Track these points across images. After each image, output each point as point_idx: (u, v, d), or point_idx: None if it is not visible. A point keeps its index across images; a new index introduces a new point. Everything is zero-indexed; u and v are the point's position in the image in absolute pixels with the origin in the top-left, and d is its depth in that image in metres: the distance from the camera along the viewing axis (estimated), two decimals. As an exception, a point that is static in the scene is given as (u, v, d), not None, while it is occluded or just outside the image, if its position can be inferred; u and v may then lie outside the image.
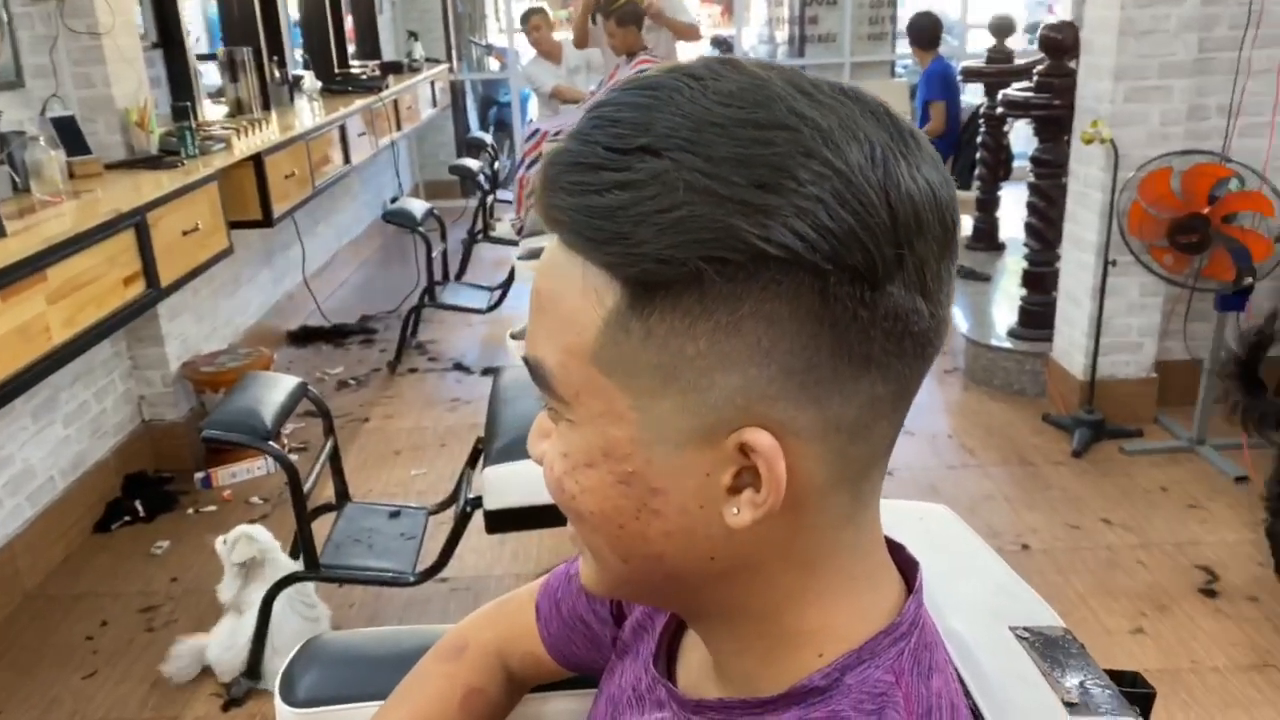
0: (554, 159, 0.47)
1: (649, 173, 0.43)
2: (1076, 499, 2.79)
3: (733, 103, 0.44)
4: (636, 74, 0.49)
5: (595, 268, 0.45)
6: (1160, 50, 2.87)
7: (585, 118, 0.47)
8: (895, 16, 7.07)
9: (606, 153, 0.44)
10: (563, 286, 0.47)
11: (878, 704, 0.49)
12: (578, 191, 0.45)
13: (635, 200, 0.43)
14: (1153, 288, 3.07)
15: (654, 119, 0.44)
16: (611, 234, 0.44)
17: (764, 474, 0.46)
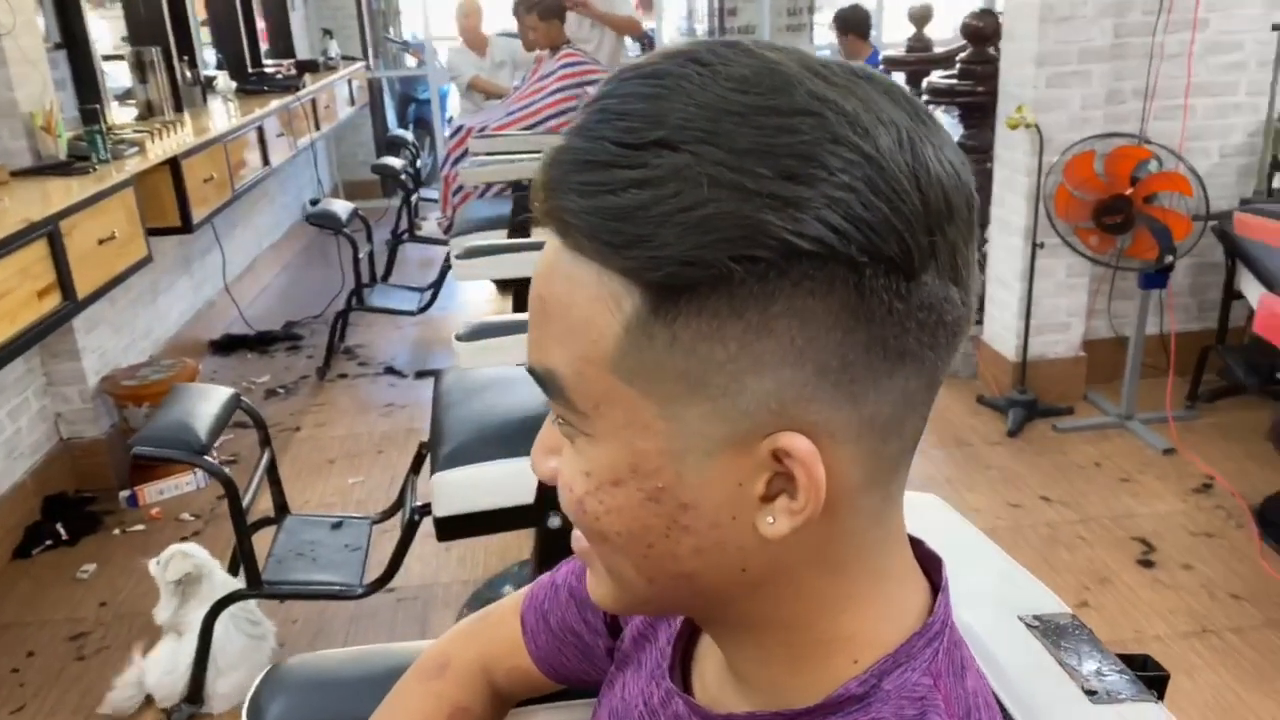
0: (557, 158, 0.44)
1: (668, 169, 0.40)
2: (1015, 478, 2.85)
3: (749, 89, 0.41)
4: (563, 67, 0.46)
5: (611, 272, 0.42)
6: (1079, 36, 2.93)
7: (587, 112, 0.44)
8: (813, 7, 7.14)
9: (618, 149, 0.41)
10: (571, 293, 0.44)
11: (919, 709, 0.47)
12: (590, 193, 0.42)
13: (656, 199, 0.40)
14: (1079, 268, 3.15)
15: (666, 110, 0.41)
16: (632, 237, 0.41)
17: (802, 480, 0.43)
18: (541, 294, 0.46)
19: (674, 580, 0.48)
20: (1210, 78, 3.12)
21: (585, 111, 0.44)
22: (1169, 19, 3.03)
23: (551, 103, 4.54)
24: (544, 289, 0.46)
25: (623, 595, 0.51)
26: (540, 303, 0.46)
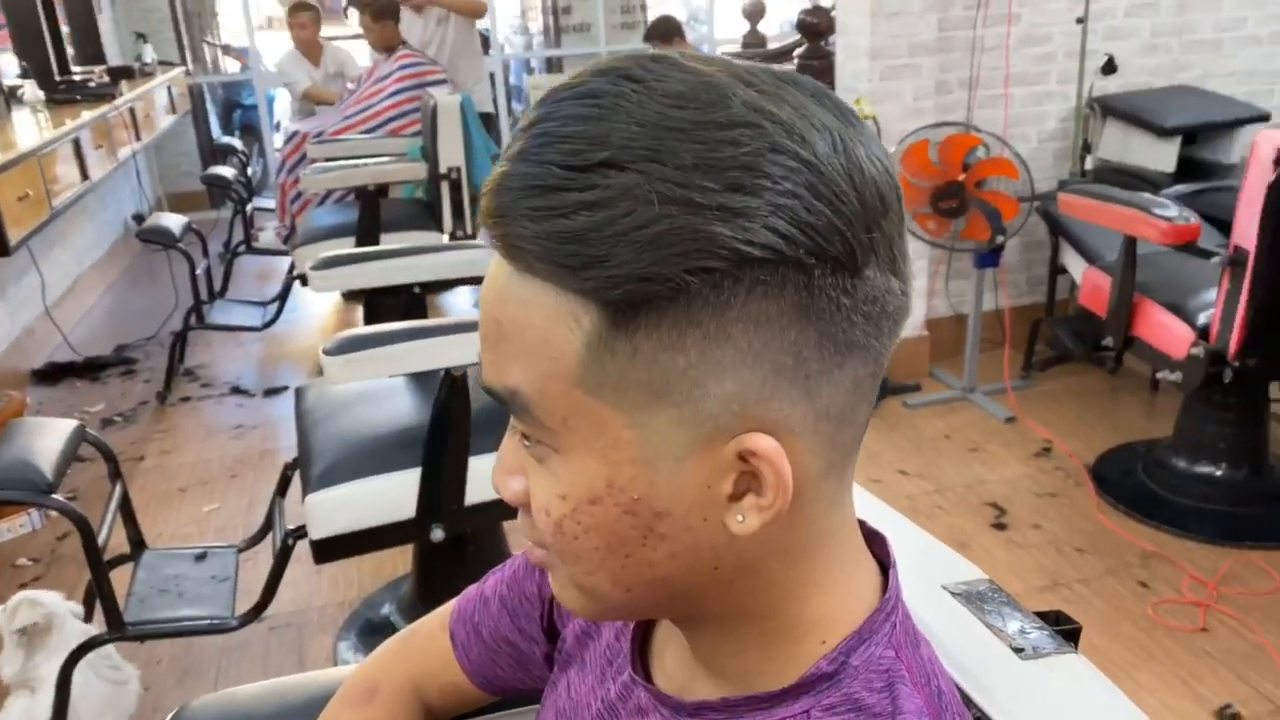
0: (502, 184, 0.44)
1: (618, 188, 0.41)
2: (873, 454, 2.97)
3: (686, 104, 0.42)
4: (400, 68, 0.45)
5: (568, 293, 0.43)
6: (908, 30, 3.08)
7: (525, 136, 0.44)
8: (645, 5, 7.23)
9: (564, 171, 0.42)
10: (526, 314, 0.44)
11: (886, 680, 0.49)
12: (541, 217, 0.42)
13: (609, 220, 0.41)
14: (919, 252, 3.31)
15: (607, 130, 0.42)
16: (588, 258, 0.41)
17: (769, 478, 0.45)
18: (495, 316, 0.46)
19: (650, 586, 0.49)
20: (1025, 68, 3.34)
21: (523, 135, 0.44)
22: (986, 13, 3.22)
23: (391, 105, 4.43)
24: (496, 311, 0.46)
25: (593, 604, 0.51)
26: (494, 324, 0.46)
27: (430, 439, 1.83)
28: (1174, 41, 3.47)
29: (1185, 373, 2.30)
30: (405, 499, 1.84)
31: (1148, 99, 3.29)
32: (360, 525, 1.82)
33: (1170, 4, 3.42)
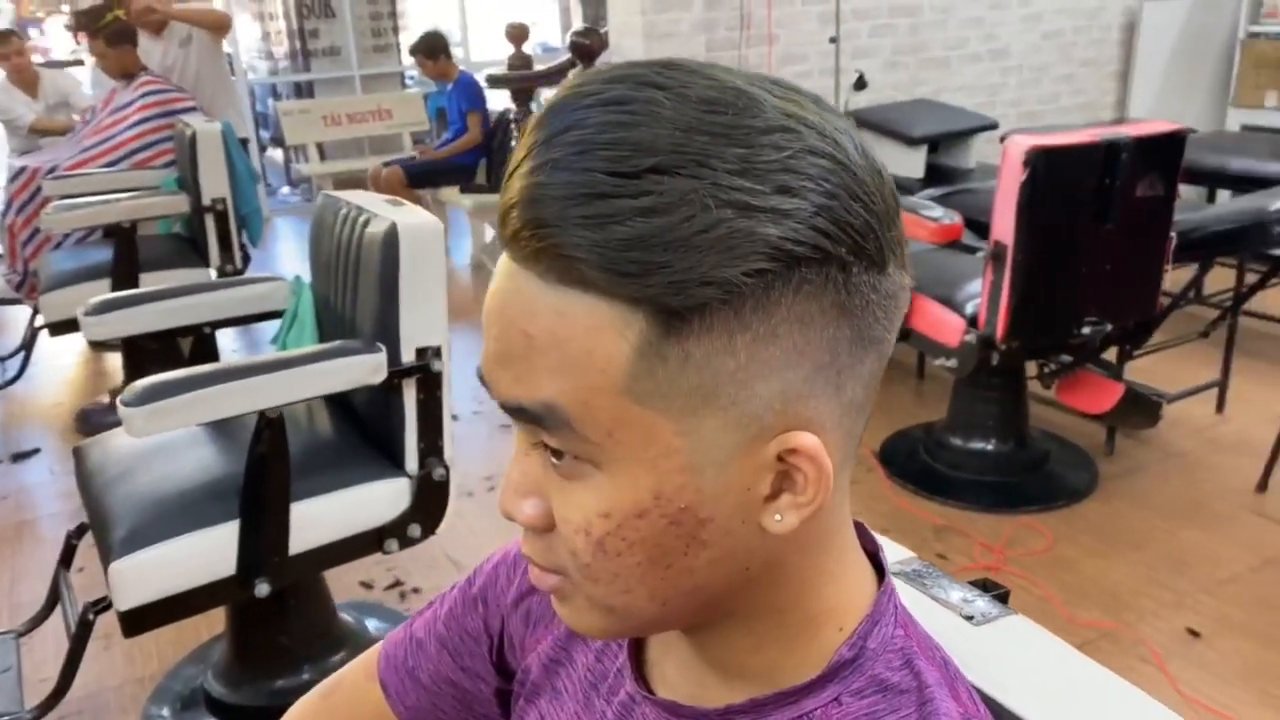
0: (537, 195, 0.42)
1: (674, 194, 0.41)
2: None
3: (722, 110, 0.43)
4: (142, 96, 0.43)
5: (611, 300, 0.42)
6: (679, 51, 3.20)
7: (553, 145, 0.42)
8: (397, 28, 7.09)
9: (614, 179, 0.41)
10: (565, 326, 0.43)
11: (903, 657, 0.51)
12: (596, 225, 0.41)
13: (668, 225, 0.41)
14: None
15: (651, 136, 0.41)
16: (651, 264, 0.41)
17: (810, 474, 0.46)
18: (524, 330, 0.44)
19: (686, 596, 0.48)
20: (786, 85, 3.55)
21: (548, 145, 0.43)
22: (749, 34, 3.41)
23: (134, 135, 4.10)
24: (526, 325, 0.44)
25: (618, 623, 0.50)
26: (523, 339, 0.44)
27: (247, 487, 1.71)
28: (911, 60, 3.80)
29: (960, 359, 2.52)
30: (223, 555, 1.70)
31: (895, 112, 3.58)
32: (175, 589, 1.67)
33: (906, 26, 3.75)
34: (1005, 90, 4.04)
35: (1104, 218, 2.36)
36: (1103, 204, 2.35)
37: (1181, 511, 2.64)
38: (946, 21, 3.82)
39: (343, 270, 1.97)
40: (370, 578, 2.50)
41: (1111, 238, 2.38)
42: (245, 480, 1.71)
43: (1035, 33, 4.05)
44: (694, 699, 0.55)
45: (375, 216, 1.87)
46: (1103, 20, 4.22)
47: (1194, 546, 2.48)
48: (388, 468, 1.88)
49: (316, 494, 1.78)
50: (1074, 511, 2.66)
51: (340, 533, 1.82)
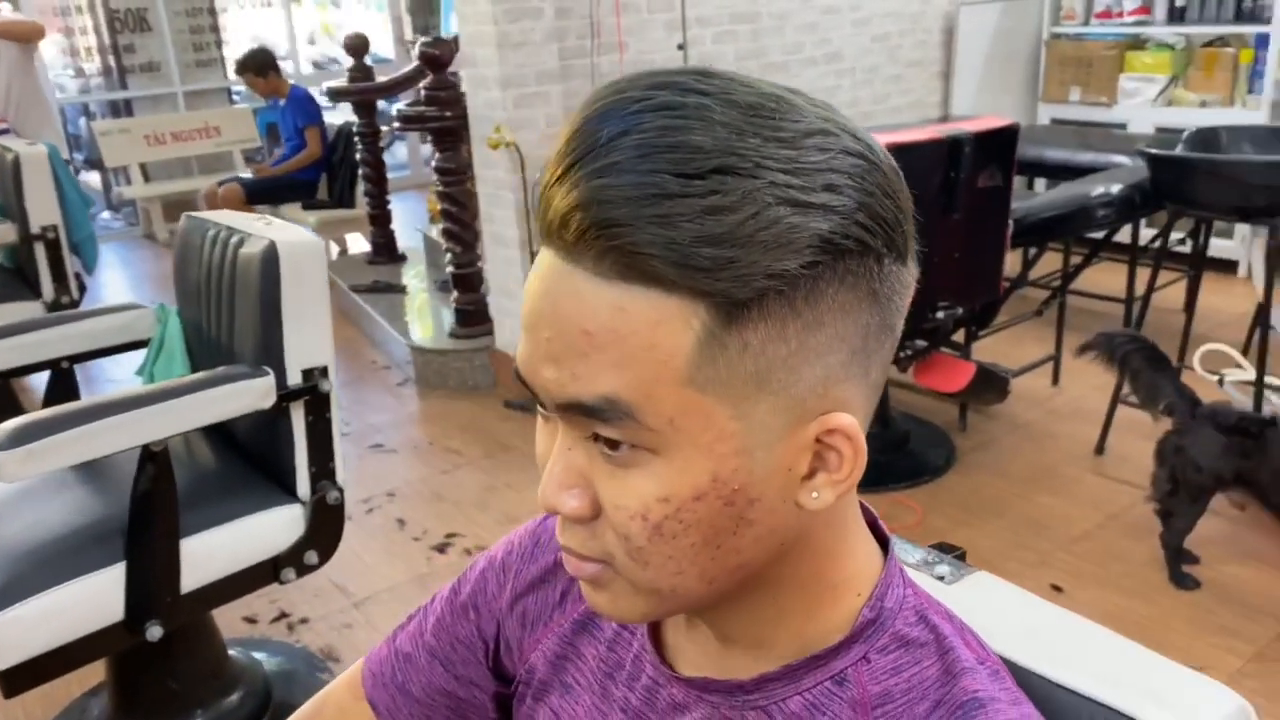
0: (601, 197, 0.44)
1: (739, 193, 0.43)
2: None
3: (768, 115, 0.45)
4: None
5: (676, 295, 0.44)
6: (533, 60, 3.22)
7: (614, 148, 0.44)
8: (221, 41, 6.79)
9: (681, 180, 0.43)
10: (626, 321, 0.45)
11: (918, 614, 0.55)
12: (669, 224, 0.43)
13: (737, 223, 0.43)
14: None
15: (710, 140, 0.44)
16: (722, 260, 0.43)
17: (847, 453, 0.49)
18: (584, 328, 0.46)
19: (731, 574, 0.50)
20: (638, 92, 3.61)
21: (609, 149, 0.44)
22: (599, 43, 3.45)
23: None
24: (585, 323, 0.45)
25: (659, 606, 0.52)
26: (583, 337, 0.46)
27: (133, 526, 1.63)
28: (753, 65, 3.93)
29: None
30: (110, 600, 1.61)
31: (743, 115, 3.70)
32: (60, 641, 1.57)
33: (746, 32, 3.88)
34: (841, 92, 4.24)
35: (951, 208, 2.52)
36: (949, 196, 2.51)
37: (1033, 478, 2.84)
38: (784, 28, 3.98)
39: (216, 294, 1.90)
40: (253, 612, 2.40)
41: (958, 227, 2.55)
42: (130, 519, 1.62)
43: (865, 36, 4.26)
44: (722, 674, 0.57)
45: (250, 236, 1.81)
46: (925, 24, 4.48)
47: (1048, 509, 2.68)
48: (279, 494, 1.82)
49: (206, 528, 1.71)
50: (938, 486, 2.83)
51: (234, 566, 1.75)
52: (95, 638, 1.61)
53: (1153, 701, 0.57)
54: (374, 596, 2.46)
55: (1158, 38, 4.52)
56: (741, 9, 3.83)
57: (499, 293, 3.54)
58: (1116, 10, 4.58)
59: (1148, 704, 0.56)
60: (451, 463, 3.15)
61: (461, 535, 2.72)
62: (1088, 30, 4.69)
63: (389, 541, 2.70)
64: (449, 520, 2.80)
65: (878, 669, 0.53)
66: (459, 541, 2.69)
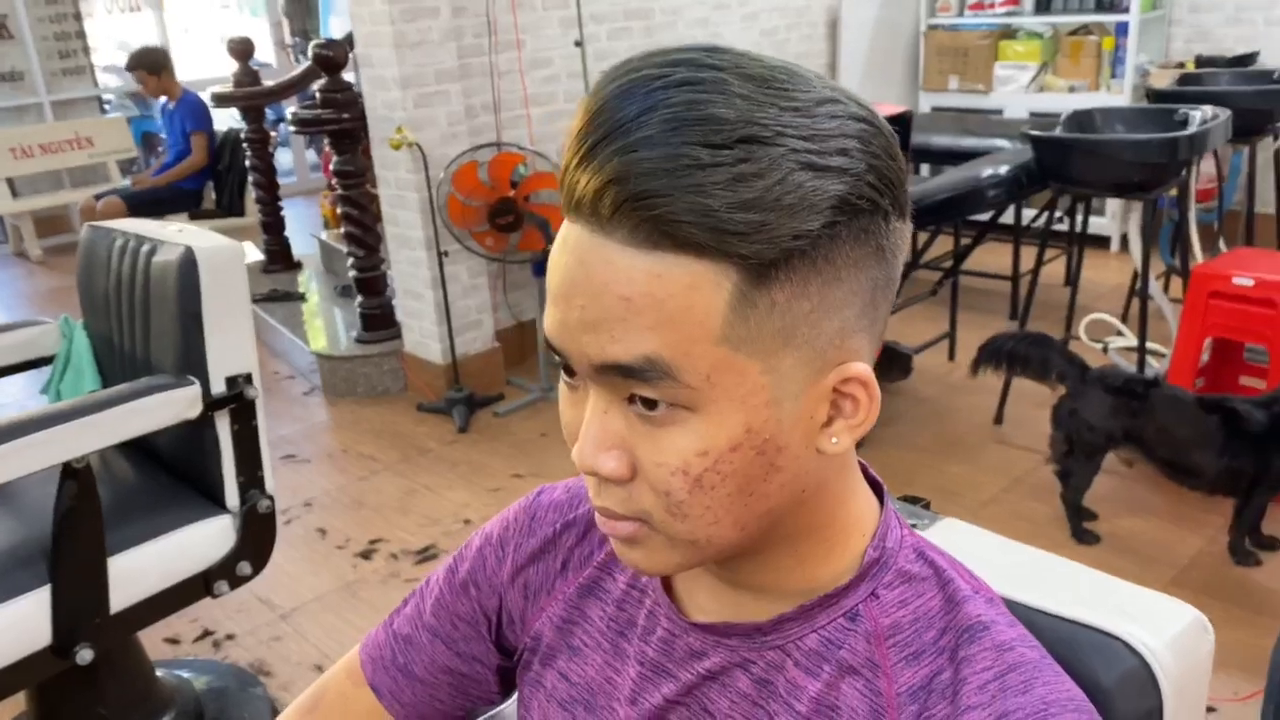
0: (635, 169, 0.46)
1: (766, 161, 0.46)
2: (483, 466, 3.06)
3: (780, 85, 0.49)
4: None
5: (708, 259, 0.47)
6: (432, 59, 3.19)
7: (642, 123, 0.46)
8: (88, 48, 6.49)
9: (711, 150, 0.46)
10: (662, 286, 0.48)
11: (916, 552, 0.60)
12: (704, 192, 0.46)
13: (766, 188, 0.46)
14: (479, 269, 3.45)
15: (733, 112, 0.47)
16: (754, 224, 0.46)
17: (863, 399, 0.53)
18: (622, 295, 0.48)
19: (760, 520, 0.54)
20: (537, 89, 3.62)
21: (637, 124, 0.46)
22: (497, 41, 3.44)
23: None
24: (622, 290, 0.48)
25: (693, 556, 0.55)
26: (622, 303, 0.48)
27: (57, 547, 1.57)
28: (648, 60, 3.98)
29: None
30: (36, 625, 1.56)
31: (642, 110, 3.74)
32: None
33: (640, 28, 3.92)
34: (734, 85, 4.33)
35: (853, 194, 2.61)
36: (851, 182, 2.59)
37: (940, 449, 2.97)
38: (676, 23, 4.04)
39: (128, 305, 1.84)
40: (175, 633, 2.33)
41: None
42: (54, 539, 1.56)
43: (754, 30, 4.36)
44: (738, 619, 0.60)
45: (163, 244, 1.76)
46: (810, 17, 4.61)
47: (956, 478, 2.80)
48: (207, 506, 1.78)
49: (134, 544, 1.66)
50: (852, 462, 2.92)
51: (164, 582, 1.71)
52: (21, 665, 1.55)
53: (1122, 617, 0.63)
54: (302, 607, 2.42)
55: (1027, 27, 4.76)
56: (634, 6, 3.88)
57: (406, 295, 3.50)
58: (988, 2, 4.79)
59: (1118, 619, 0.62)
60: (368, 469, 3.11)
61: (385, 540, 2.69)
62: (962, 21, 4.89)
63: (311, 551, 2.65)
64: (371, 526, 2.77)
65: (886, 603, 0.58)
66: (383, 547, 2.66)
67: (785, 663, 0.58)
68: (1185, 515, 2.54)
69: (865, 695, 0.56)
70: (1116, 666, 0.60)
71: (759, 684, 0.59)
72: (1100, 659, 0.60)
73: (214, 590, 1.77)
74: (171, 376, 1.69)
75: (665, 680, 0.63)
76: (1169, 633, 0.62)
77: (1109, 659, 0.60)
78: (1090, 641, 0.61)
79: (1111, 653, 0.61)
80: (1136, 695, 0.60)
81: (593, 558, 0.70)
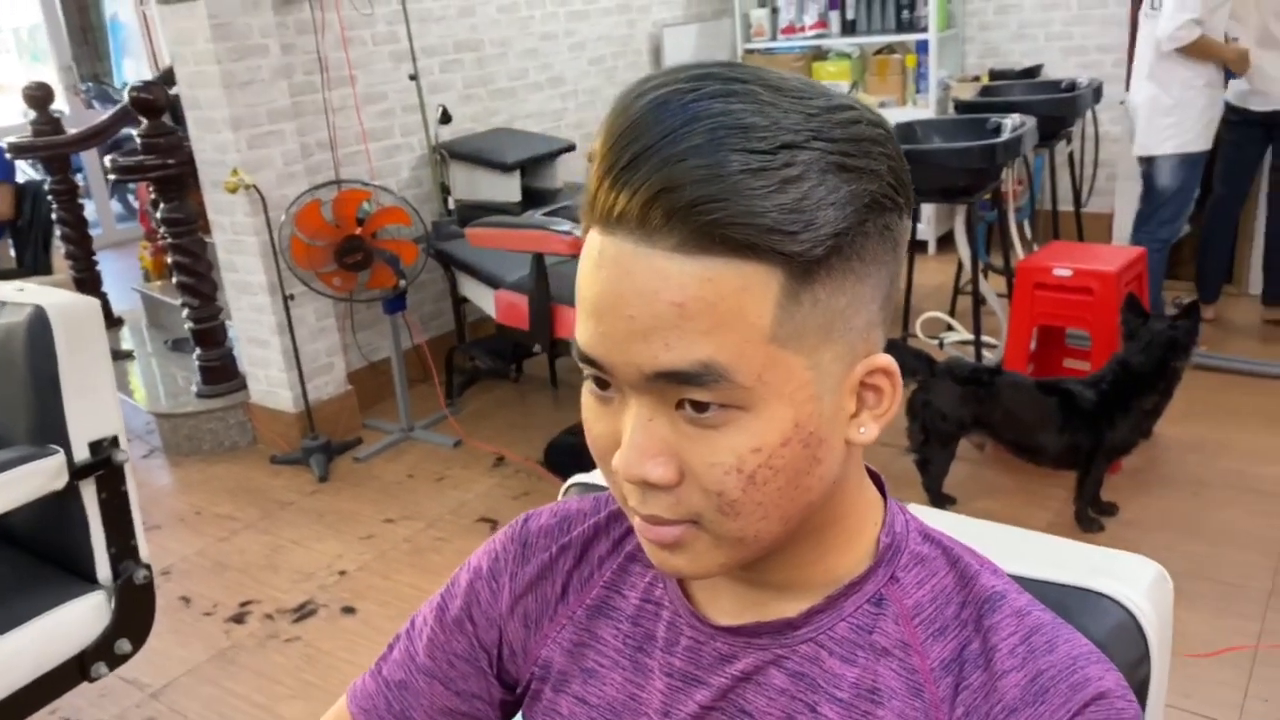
0: (689, 178, 0.47)
1: (804, 165, 0.49)
2: (352, 515, 2.95)
3: (800, 95, 0.51)
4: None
5: (756, 261, 0.49)
6: (264, 99, 3.08)
7: (686, 134, 0.48)
8: None
9: (760, 156, 0.48)
10: (714, 290, 0.49)
11: (922, 534, 0.63)
12: (760, 196, 0.48)
13: (811, 190, 0.49)
14: (326, 310, 3.34)
15: (768, 119, 0.49)
16: (805, 223, 0.49)
17: (887, 389, 0.56)
18: (674, 301, 0.49)
19: (803, 511, 0.56)
20: (374, 124, 3.55)
21: (682, 134, 0.48)
22: (329, 77, 3.36)
23: None
24: (674, 296, 0.49)
25: (740, 554, 0.56)
26: (675, 310, 0.49)
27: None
28: (482, 91, 3.98)
29: (612, 356, 2.72)
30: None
31: (483, 141, 3.73)
32: None
33: (471, 60, 3.91)
34: (567, 114, 4.37)
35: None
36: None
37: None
38: (507, 54, 4.05)
39: (-35, 374, 1.68)
40: (31, 729, 2.13)
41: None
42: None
43: (583, 59, 4.42)
44: (766, 618, 0.62)
45: (6, 304, 1.63)
46: (634, 45, 4.71)
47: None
48: (76, 583, 1.65)
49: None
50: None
51: (35, 672, 1.57)
52: (38, 687, 1.40)
53: (1102, 575, 0.68)
54: (174, 683, 2.26)
55: (837, 48, 5.03)
56: (464, 37, 3.86)
57: (250, 343, 3.34)
58: (799, 25, 5.04)
59: (1100, 578, 0.68)
60: (227, 529, 2.94)
61: (257, 601, 2.55)
62: (776, 44, 5.12)
63: (177, 622, 2.48)
64: (239, 588, 2.62)
65: (906, 585, 0.61)
66: (256, 608, 2.52)
67: (820, 654, 0.60)
68: (1033, 491, 2.74)
69: (901, 674, 0.59)
70: (1106, 621, 0.65)
71: (795, 678, 0.60)
72: (1090, 615, 0.65)
73: (91, 674, 1.64)
74: (29, 446, 1.56)
75: (697, 688, 0.63)
76: (1143, 585, 0.67)
77: (1098, 615, 0.66)
78: (1078, 601, 0.66)
79: (1100, 609, 0.66)
80: (1126, 645, 0.65)
81: (593, 579, 0.70)
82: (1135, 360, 2.46)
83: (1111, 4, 4.47)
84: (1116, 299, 2.66)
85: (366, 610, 2.45)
